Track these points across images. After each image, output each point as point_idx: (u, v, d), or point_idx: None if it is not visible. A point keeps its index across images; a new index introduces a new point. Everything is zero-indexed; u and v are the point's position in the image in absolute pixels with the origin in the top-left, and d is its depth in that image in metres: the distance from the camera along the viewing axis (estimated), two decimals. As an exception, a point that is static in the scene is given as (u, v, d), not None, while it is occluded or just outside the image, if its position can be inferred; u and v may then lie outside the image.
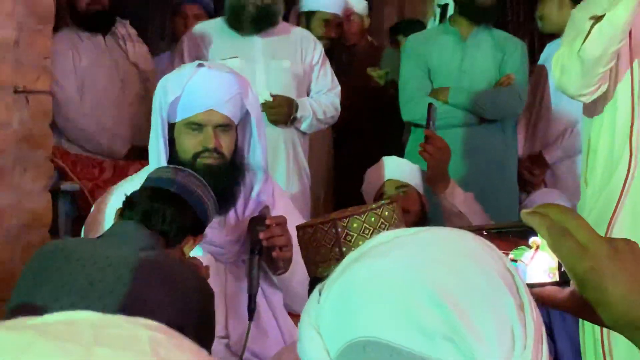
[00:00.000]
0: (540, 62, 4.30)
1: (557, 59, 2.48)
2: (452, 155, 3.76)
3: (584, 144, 2.63)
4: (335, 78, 3.98)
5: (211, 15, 4.61)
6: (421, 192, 3.28)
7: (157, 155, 2.48)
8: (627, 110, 2.46)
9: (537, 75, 4.23)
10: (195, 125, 2.46)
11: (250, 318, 2.35)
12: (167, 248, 2.05)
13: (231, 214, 2.53)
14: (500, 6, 4.24)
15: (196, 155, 2.45)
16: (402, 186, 3.26)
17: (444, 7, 4.51)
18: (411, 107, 3.87)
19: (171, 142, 2.50)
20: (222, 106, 2.47)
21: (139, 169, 2.76)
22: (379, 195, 3.25)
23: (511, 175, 3.96)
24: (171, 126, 2.50)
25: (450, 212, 3.14)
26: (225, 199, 2.45)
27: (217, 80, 2.48)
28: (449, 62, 3.91)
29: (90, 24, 4.13)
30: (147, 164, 2.54)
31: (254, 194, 2.55)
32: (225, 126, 2.48)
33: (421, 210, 3.26)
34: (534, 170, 4.16)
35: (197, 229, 2.15)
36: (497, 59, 3.93)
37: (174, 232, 2.06)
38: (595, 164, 2.55)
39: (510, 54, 3.92)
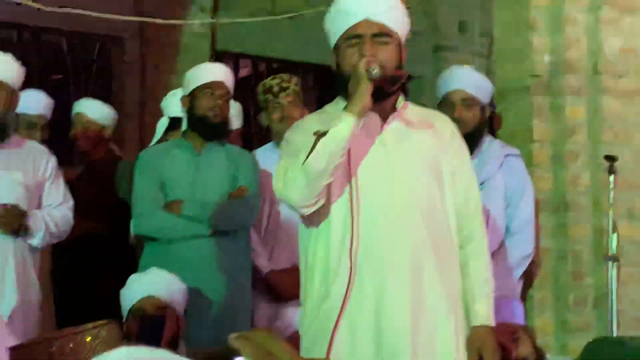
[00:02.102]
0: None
1: (279, 172, 2.58)
2: (184, 267, 3.79)
3: (302, 258, 2.73)
4: (68, 192, 3.95)
5: None
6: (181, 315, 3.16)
7: None
8: (344, 225, 2.59)
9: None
10: None
11: None
12: None
13: None
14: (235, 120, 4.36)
15: None
16: (162, 307, 3.16)
17: (174, 120, 4.59)
18: (144, 221, 3.89)
19: None
20: None
21: None
22: (136, 310, 3.14)
23: (245, 285, 4.03)
24: None
25: None
26: None
27: None
28: (182, 176, 3.98)
29: None
30: None
31: None
32: None
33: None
34: None
35: None
36: (230, 172, 4.04)
37: None
38: (314, 278, 2.65)
39: (243, 167, 4.05)
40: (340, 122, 2.49)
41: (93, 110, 4.94)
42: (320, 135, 2.49)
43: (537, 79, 4.53)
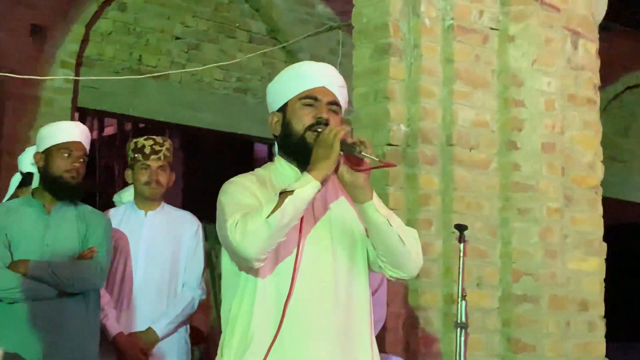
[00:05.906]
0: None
1: (234, 223, 2.56)
2: (29, 329, 3.69)
3: (225, 308, 2.71)
4: None
5: None
6: None
7: None
8: (280, 280, 2.61)
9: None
10: None
11: None
12: None
13: None
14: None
15: None
16: None
17: (27, 175, 4.49)
18: (-12, 280, 3.75)
19: None
20: None
21: None
22: None
23: (91, 348, 3.93)
24: None
25: None
26: None
27: None
28: (31, 234, 3.87)
29: None
30: None
31: None
32: None
33: None
34: None
35: None
36: (80, 231, 3.96)
37: None
38: (234, 333, 2.64)
39: (94, 228, 3.98)
40: (305, 184, 2.55)
41: None
42: (284, 193, 2.54)
43: (393, 147, 4.64)
